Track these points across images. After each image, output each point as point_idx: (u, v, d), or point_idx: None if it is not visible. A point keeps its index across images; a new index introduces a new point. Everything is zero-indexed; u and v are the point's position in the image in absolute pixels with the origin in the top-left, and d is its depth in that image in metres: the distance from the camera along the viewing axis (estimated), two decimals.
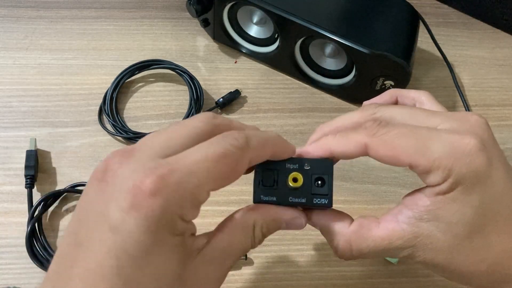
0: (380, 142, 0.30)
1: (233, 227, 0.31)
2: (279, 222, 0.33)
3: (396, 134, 0.30)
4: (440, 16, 0.61)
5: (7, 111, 0.51)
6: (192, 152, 0.27)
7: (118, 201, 0.25)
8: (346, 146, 0.31)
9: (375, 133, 0.30)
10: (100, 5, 0.59)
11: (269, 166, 0.32)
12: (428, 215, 0.30)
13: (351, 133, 0.31)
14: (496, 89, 0.57)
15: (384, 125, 0.30)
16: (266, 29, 0.54)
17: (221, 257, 0.30)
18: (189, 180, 0.26)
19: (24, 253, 0.44)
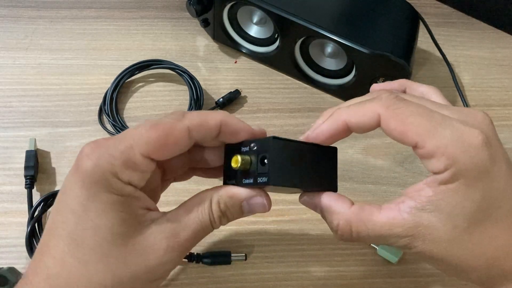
0: (394, 114, 0.30)
1: (189, 204, 0.32)
2: (236, 199, 0.33)
3: (411, 111, 0.30)
4: (440, 16, 0.61)
5: (7, 111, 0.51)
6: (138, 126, 0.30)
7: (70, 172, 0.30)
8: (361, 116, 0.31)
9: (390, 105, 0.30)
10: (100, 5, 0.59)
11: (231, 149, 0.33)
12: (430, 206, 0.30)
13: (367, 103, 0.31)
14: (496, 89, 0.57)
15: (401, 99, 0.30)
16: (266, 29, 0.54)
17: (174, 228, 0.31)
18: (120, 143, 0.30)
19: (24, 253, 0.44)
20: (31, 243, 0.44)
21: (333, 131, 0.32)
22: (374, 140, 0.53)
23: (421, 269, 0.46)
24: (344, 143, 0.52)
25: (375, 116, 0.30)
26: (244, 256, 0.45)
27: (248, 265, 0.45)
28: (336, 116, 0.32)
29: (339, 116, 0.32)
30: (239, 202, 0.33)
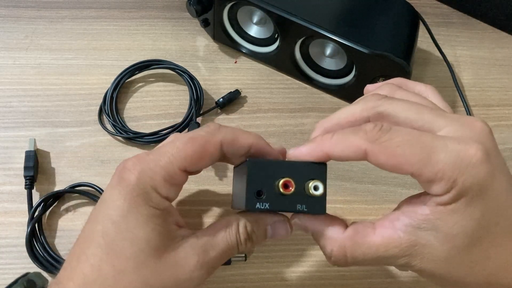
0: (382, 149, 0.28)
1: (217, 226, 0.34)
2: (262, 224, 0.34)
3: (399, 142, 0.28)
4: (440, 16, 0.61)
5: (7, 111, 0.51)
6: (170, 140, 0.33)
7: (111, 181, 0.32)
8: (344, 150, 0.30)
9: (376, 139, 0.29)
10: (100, 5, 0.59)
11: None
12: (426, 224, 0.29)
13: (350, 136, 0.30)
14: (496, 89, 0.57)
15: (386, 130, 0.29)
16: (266, 29, 0.54)
17: (203, 246, 0.33)
18: (161, 158, 0.32)
19: (24, 253, 0.44)
20: (31, 243, 0.44)
21: (312, 158, 0.31)
22: None
23: None
24: None
25: (359, 151, 0.29)
26: (244, 256, 0.45)
27: (248, 265, 0.45)
28: (319, 145, 0.31)
29: (321, 146, 0.31)
30: (265, 226, 0.34)
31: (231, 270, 0.45)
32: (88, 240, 0.31)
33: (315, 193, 0.30)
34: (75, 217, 0.47)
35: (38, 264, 0.44)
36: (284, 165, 0.31)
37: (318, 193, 0.30)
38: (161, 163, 0.32)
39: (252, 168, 0.31)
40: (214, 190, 0.48)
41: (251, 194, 0.30)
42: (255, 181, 0.30)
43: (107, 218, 0.31)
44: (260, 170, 0.31)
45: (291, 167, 0.31)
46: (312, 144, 0.31)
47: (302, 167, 0.31)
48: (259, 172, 0.31)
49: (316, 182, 0.30)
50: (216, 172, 0.50)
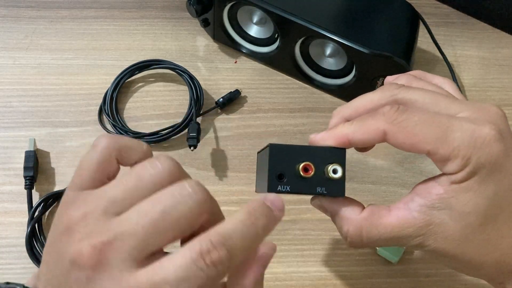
0: (400, 129, 0.29)
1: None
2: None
3: (416, 121, 0.29)
4: (440, 16, 0.61)
5: (7, 111, 0.51)
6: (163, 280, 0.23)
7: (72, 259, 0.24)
8: (365, 134, 0.31)
9: (394, 120, 0.30)
10: (100, 5, 0.59)
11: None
12: (440, 203, 0.29)
13: (369, 119, 0.31)
14: (496, 89, 0.57)
15: (403, 110, 0.30)
16: (266, 29, 0.54)
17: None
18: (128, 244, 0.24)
19: (24, 253, 0.44)
20: (31, 243, 0.44)
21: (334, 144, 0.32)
22: None
23: (421, 269, 0.46)
24: None
25: (379, 132, 0.30)
26: None
27: None
28: (339, 133, 0.32)
29: (342, 134, 0.32)
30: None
31: None
32: None
33: (334, 176, 0.31)
34: None
35: (37, 264, 0.44)
36: (305, 149, 0.32)
37: (337, 176, 0.31)
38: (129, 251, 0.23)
39: (273, 152, 0.32)
40: (214, 190, 0.48)
41: (273, 177, 0.32)
42: (277, 165, 0.32)
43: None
44: (281, 154, 0.32)
45: (312, 151, 0.32)
46: (334, 130, 0.32)
47: (322, 152, 0.32)
48: (281, 156, 0.32)
49: (335, 166, 0.31)
50: (216, 172, 0.50)
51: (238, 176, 0.50)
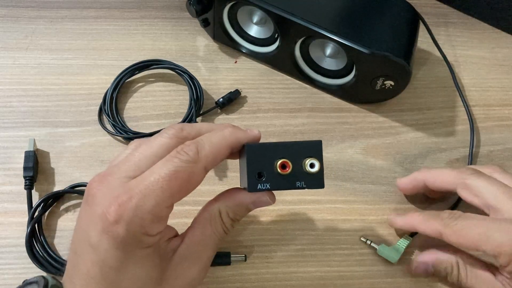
0: (452, 232, 0.38)
1: (202, 222, 0.35)
2: (243, 205, 0.36)
3: (464, 226, 0.38)
4: (440, 16, 0.61)
5: (7, 111, 0.51)
6: (148, 175, 0.31)
7: (94, 225, 0.31)
8: (426, 230, 0.41)
9: (448, 224, 0.39)
10: (100, 5, 0.59)
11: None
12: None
13: (431, 219, 0.40)
14: (496, 89, 0.57)
15: (456, 217, 0.39)
16: (266, 29, 0.54)
17: (196, 252, 0.34)
18: (146, 203, 0.30)
19: (24, 253, 0.44)
20: (31, 243, 0.44)
21: (406, 228, 0.44)
22: (374, 140, 0.53)
23: None
24: (344, 143, 0.52)
25: (436, 232, 0.40)
26: (244, 256, 0.45)
27: (248, 265, 0.45)
28: (409, 221, 0.43)
29: (411, 222, 0.43)
30: (246, 206, 0.36)
31: (231, 270, 0.45)
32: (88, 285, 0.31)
33: (311, 170, 0.33)
34: (75, 217, 0.47)
35: (37, 264, 0.44)
36: (281, 146, 0.33)
37: (315, 170, 0.32)
38: (147, 208, 0.30)
39: (250, 153, 0.33)
40: (214, 190, 0.48)
41: (252, 176, 0.33)
42: (255, 164, 0.33)
43: (104, 265, 0.31)
44: (258, 154, 0.33)
45: (288, 147, 0.33)
46: (405, 217, 0.44)
47: (298, 147, 0.33)
48: (258, 156, 0.33)
49: (312, 160, 0.32)
50: (216, 172, 0.50)
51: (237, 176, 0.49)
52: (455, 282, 0.41)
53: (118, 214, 0.30)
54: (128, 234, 0.30)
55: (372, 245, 0.46)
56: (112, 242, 0.30)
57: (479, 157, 0.52)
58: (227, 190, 0.37)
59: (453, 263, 0.41)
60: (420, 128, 0.53)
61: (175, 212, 0.38)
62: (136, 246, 0.31)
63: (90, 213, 0.32)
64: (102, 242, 0.31)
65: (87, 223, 0.32)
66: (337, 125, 0.53)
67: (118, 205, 0.30)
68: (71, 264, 0.33)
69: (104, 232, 0.30)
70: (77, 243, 0.32)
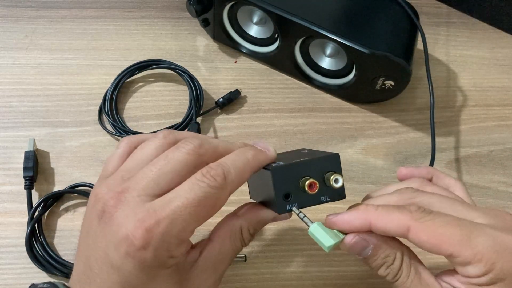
0: (424, 227, 0.30)
1: (222, 236, 0.35)
2: (264, 221, 0.36)
3: (441, 222, 0.30)
4: (440, 16, 0.61)
5: (7, 111, 0.51)
6: (173, 198, 0.30)
7: (116, 246, 0.30)
8: (388, 224, 0.31)
9: (420, 218, 0.30)
10: (100, 5, 0.59)
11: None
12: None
13: (396, 212, 0.31)
14: (496, 89, 0.57)
15: (429, 212, 0.31)
16: (266, 29, 0.54)
17: (213, 265, 0.34)
18: (173, 228, 0.30)
19: (24, 253, 0.44)
20: (30, 243, 0.44)
21: (355, 227, 0.33)
22: (374, 140, 0.53)
23: None
24: (344, 143, 0.52)
25: (402, 227, 0.31)
26: (243, 256, 0.45)
27: (248, 265, 0.45)
28: (363, 213, 0.32)
29: (365, 215, 0.32)
30: (267, 223, 0.36)
31: (231, 270, 0.45)
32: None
33: (336, 185, 0.34)
34: (75, 217, 0.47)
35: (37, 264, 0.44)
36: (303, 165, 0.33)
37: (339, 185, 0.34)
38: (174, 233, 0.30)
39: (276, 176, 0.33)
40: None
41: (280, 199, 0.33)
42: (281, 186, 0.33)
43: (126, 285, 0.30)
44: (283, 176, 0.33)
45: (309, 166, 0.34)
46: (356, 212, 0.33)
47: (319, 163, 0.34)
48: (282, 178, 0.33)
49: (336, 176, 0.34)
50: None
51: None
52: (389, 278, 0.33)
53: (146, 240, 0.29)
54: (155, 259, 0.30)
55: (304, 220, 0.35)
56: (138, 266, 0.30)
57: (479, 157, 0.52)
58: (247, 207, 0.37)
59: (397, 254, 0.32)
60: (420, 128, 0.53)
61: None
62: (161, 268, 0.31)
63: (109, 233, 0.30)
64: (126, 265, 0.30)
65: (106, 243, 0.30)
66: (337, 125, 0.53)
67: (145, 230, 0.29)
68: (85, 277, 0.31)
69: (129, 256, 0.29)
70: (93, 260, 0.31)
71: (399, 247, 0.33)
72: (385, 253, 0.32)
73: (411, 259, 0.32)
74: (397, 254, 0.32)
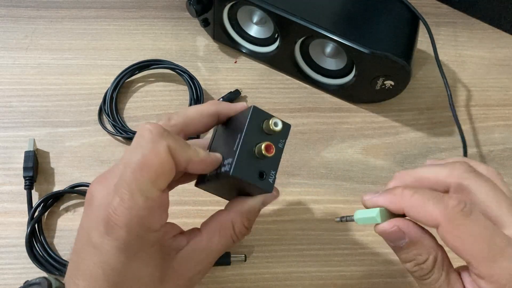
0: (454, 230, 0.28)
1: (211, 230, 0.35)
2: (256, 209, 0.36)
3: (473, 232, 0.28)
4: (440, 16, 0.61)
5: (7, 111, 0.51)
6: (123, 171, 0.30)
7: (95, 226, 0.31)
8: (420, 214, 0.30)
9: (454, 220, 0.28)
10: (100, 5, 0.59)
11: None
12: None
13: (431, 203, 0.29)
14: (496, 89, 0.57)
15: (467, 213, 0.28)
16: (266, 29, 0.54)
17: (198, 257, 0.34)
18: (135, 198, 0.30)
19: (24, 253, 0.44)
20: (31, 243, 0.44)
21: (389, 208, 0.31)
22: (374, 140, 0.53)
23: None
24: (344, 143, 0.52)
25: (432, 221, 0.29)
26: (243, 256, 0.45)
27: (248, 265, 0.45)
28: (397, 199, 0.31)
29: (400, 201, 0.30)
30: (258, 208, 0.36)
31: (231, 270, 0.45)
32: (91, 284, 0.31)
33: (277, 128, 0.33)
34: (75, 217, 0.47)
35: (37, 264, 0.44)
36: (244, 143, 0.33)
37: (280, 127, 0.33)
38: (139, 204, 0.30)
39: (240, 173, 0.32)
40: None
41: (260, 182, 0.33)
42: (250, 174, 0.33)
43: (107, 266, 0.31)
44: (243, 167, 0.32)
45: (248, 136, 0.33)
46: (391, 196, 0.31)
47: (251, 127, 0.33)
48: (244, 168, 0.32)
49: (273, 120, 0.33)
50: None
51: None
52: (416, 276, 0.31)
53: (116, 218, 0.30)
54: (130, 235, 0.30)
55: (348, 219, 0.35)
56: (115, 244, 0.30)
57: (479, 157, 0.52)
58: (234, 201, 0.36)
59: (430, 257, 0.30)
60: (420, 128, 0.53)
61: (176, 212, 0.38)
62: (140, 247, 0.31)
63: (90, 214, 0.32)
64: (104, 244, 0.30)
65: (88, 224, 0.32)
66: (337, 125, 0.53)
67: (114, 209, 0.30)
68: (74, 265, 0.33)
69: (106, 234, 0.30)
70: (79, 243, 0.32)
71: (434, 249, 0.31)
72: (418, 251, 0.31)
73: (444, 263, 0.31)
74: (430, 256, 0.30)
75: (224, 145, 0.35)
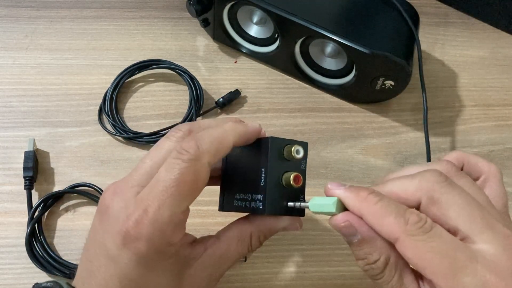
0: (413, 246, 0.27)
1: (230, 237, 0.35)
2: (275, 230, 0.36)
3: (433, 248, 0.27)
4: (440, 16, 0.61)
5: (7, 111, 0.51)
6: (155, 184, 0.30)
7: (112, 238, 0.30)
8: (378, 224, 0.28)
9: (413, 235, 0.27)
10: (100, 5, 0.59)
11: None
12: None
13: (391, 216, 0.28)
14: (497, 89, 0.57)
15: (427, 230, 0.27)
16: (266, 29, 0.54)
17: (217, 264, 0.34)
18: (162, 213, 0.30)
19: (24, 253, 0.44)
20: (30, 243, 0.44)
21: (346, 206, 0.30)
22: (374, 140, 0.53)
23: None
24: (344, 143, 0.52)
25: (391, 236, 0.28)
26: (243, 258, 0.45)
27: (248, 265, 0.45)
28: (359, 201, 0.29)
29: (361, 203, 0.29)
30: (277, 231, 0.36)
31: (231, 270, 0.45)
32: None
33: (298, 156, 0.33)
34: (75, 217, 0.47)
35: (37, 264, 0.44)
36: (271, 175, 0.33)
37: (301, 155, 0.34)
38: (164, 219, 0.30)
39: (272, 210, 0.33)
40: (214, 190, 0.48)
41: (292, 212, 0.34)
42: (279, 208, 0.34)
43: (125, 277, 0.30)
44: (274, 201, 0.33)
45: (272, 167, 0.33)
46: (354, 195, 0.30)
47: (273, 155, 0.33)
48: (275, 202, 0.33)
49: (296, 147, 0.33)
50: None
51: None
52: (368, 275, 0.30)
53: (137, 231, 0.30)
54: (150, 249, 0.30)
55: (302, 206, 0.34)
56: (134, 258, 0.30)
57: None
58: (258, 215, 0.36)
59: (381, 258, 0.29)
60: (420, 128, 0.53)
61: None
62: (158, 259, 0.31)
63: (106, 225, 0.31)
64: (122, 257, 0.30)
65: (103, 235, 0.31)
66: (337, 125, 0.53)
67: (135, 221, 0.30)
68: (87, 273, 0.32)
69: (124, 247, 0.30)
70: (93, 253, 0.32)
71: (386, 249, 0.29)
72: (369, 250, 0.29)
73: (397, 264, 0.29)
74: (381, 257, 0.29)
75: (244, 174, 0.35)
